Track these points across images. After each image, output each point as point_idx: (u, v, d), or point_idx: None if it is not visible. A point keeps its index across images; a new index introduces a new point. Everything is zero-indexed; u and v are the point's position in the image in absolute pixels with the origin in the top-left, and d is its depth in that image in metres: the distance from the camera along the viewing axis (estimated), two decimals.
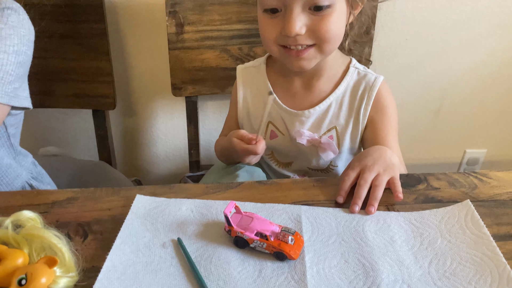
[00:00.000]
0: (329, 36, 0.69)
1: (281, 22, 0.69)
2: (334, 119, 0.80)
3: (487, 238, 0.53)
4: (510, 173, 0.68)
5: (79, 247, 0.52)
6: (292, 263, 0.51)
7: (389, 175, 0.62)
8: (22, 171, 0.83)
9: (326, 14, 0.68)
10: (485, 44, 1.27)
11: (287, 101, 0.81)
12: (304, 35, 0.68)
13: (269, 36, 0.72)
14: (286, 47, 0.71)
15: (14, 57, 0.67)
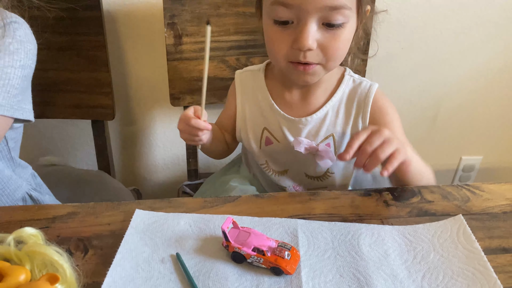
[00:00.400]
0: (336, 55, 0.70)
1: (292, 35, 0.67)
2: (331, 127, 0.81)
3: (478, 253, 0.54)
4: (502, 185, 0.69)
5: (79, 263, 0.54)
6: (288, 278, 0.52)
7: (395, 146, 0.62)
8: (22, 182, 0.84)
9: (338, 32, 0.67)
10: (480, 52, 1.29)
11: (284, 108, 0.82)
12: (314, 52, 0.68)
13: (280, 50, 0.70)
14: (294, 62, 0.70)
15: (20, 71, 0.69)
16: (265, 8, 0.70)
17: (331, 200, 0.65)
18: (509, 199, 0.66)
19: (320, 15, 0.65)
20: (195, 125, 0.72)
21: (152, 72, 1.20)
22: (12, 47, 0.67)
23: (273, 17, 0.68)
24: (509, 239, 0.59)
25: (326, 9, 0.64)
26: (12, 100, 0.68)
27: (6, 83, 0.66)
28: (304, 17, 0.65)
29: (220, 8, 1.05)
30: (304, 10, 0.64)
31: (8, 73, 0.66)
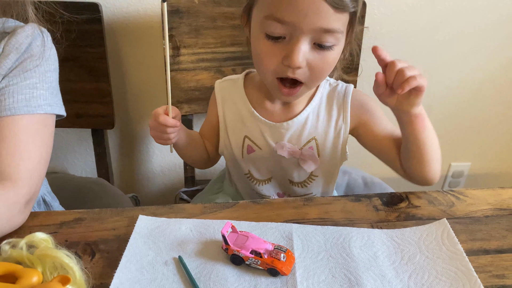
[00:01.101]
0: (321, 75, 0.72)
1: (283, 50, 0.68)
2: (312, 130, 0.82)
3: (460, 254, 0.58)
4: (485, 191, 0.74)
5: (88, 265, 0.57)
6: (284, 279, 0.56)
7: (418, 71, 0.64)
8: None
9: (327, 54, 0.69)
10: (467, 62, 1.33)
11: (265, 115, 0.82)
12: (302, 70, 0.69)
13: (269, 65, 0.70)
14: (281, 79, 0.72)
15: (55, 74, 0.76)
16: (256, 21, 0.70)
17: (324, 206, 0.69)
18: (491, 204, 0.70)
19: (313, 36, 0.66)
20: (163, 122, 0.73)
21: (150, 83, 1.24)
22: (46, 54, 0.74)
23: (265, 31, 0.68)
24: (490, 241, 0.63)
25: (320, 31, 0.66)
26: (55, 99, 0.75)
27: (50, 86, 0.73)
28: (297, 35, 0.66)
29: (216, 20, 1.09)
30: (298, 29, 0.65)
31: (49, 76, 0.73)
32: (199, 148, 0.89)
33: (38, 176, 0.68)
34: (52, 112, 0.72)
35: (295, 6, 0.64)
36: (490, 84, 1.39)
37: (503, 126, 1.49)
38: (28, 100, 0.68)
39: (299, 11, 0.64)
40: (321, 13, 0.64)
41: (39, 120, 0.70)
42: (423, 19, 1.24)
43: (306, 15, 0.64)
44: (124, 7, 1.12)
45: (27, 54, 0.71)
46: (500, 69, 1.36)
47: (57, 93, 0.77)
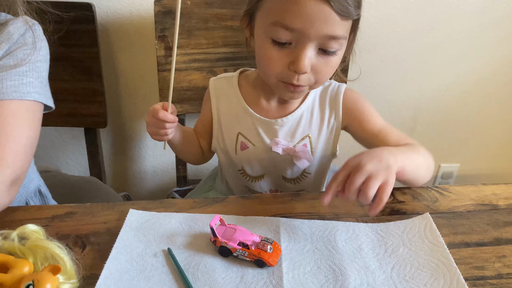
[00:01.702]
0: (325, 79, 0.74)
1: (289, 56, 0.69)
2: (306, 127, 0.84)
3: (442, 246, 0.60)
4: (468, 187, 0.75)
5: (78, 257, 0.58)
6: (270, 270, 0.57)
7: (381, 179, 0.59)
8: (35, 176, 0.89)
9: (331, 59, 0.70)
10: (456, 65, 1.36)
11: (259, 112, 0.84)
12: (306, 75, 0.71)
13: (274, 69, 0.71)
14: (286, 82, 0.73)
15: (45, 65, 0.77)
16: (261, 26, 0.71)
17: (311, 201, 0.71)
18: (473, 199, 0.72)
19: (318, 42, 0.68)
20: (162, 117, 0.74)
21: (143, 82, 1.25)
22: (38, 45, 0.75)
23: (272, 37, 0.69)
24: (471, 234, 0.64)
25: (326, 37, 0.67)
26: (44, 89, 0.76)
27: (39, 75, 0.74)
28: (303, 41, 0.67)
29: (208, 22, 1.11)
30: (305, 35, 0.66)
31: (39, 66, 0.74)
32: (193, 145, 0.91)
33: (24, 158, 0.69)
34: (40, 101, 0.74)
35: (303, 14, 0.65)
36: (478, 87, 1.41)
37: (492, 128, 1.51)
38: (17, 86, 0.70)
39: (307, 19, 0.65)
40: (328, 21, 0.66)
41: (28, 106, 0.71)
42: (413, 23, 1.26)
43: (314, 23, 0.65)
44: (117, 8, 1.13)
45: (18, 44, 0.73)
46: (488, 72, 1.38)
47: (46, 84, 0.78)
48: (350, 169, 0.61)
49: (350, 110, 0.84)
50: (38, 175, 0.92)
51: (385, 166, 0.61)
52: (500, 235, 0.64)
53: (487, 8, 1.26)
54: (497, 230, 0.65)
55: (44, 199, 0.92)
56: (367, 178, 0.59)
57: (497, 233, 0.65)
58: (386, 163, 0.61)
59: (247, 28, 0.78)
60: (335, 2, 0.64)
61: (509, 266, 0.59)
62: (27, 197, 0.86)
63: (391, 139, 0.79)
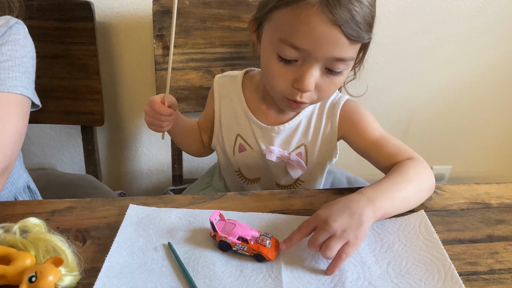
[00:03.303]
0: (327, 97, 0.74)
1: (294, 73, 0.69)
2: (303, 136, 0.84)
3: (436, 242, 0.62)
4: (461, 186, 0.77)
5: (79, 250, 0.59)
6: (269, 264, 0.58)
7: (345, 239, 0.57)
8: (23, 172, 0.89)
9: (336, 79, 0.70)
10: (449, 68, 1.37)
11: (259, 117, 0.84)
12: (310, 93, 0.71)
13: (279, 85, 0.71)
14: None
15: (32, 61, 0.78)
16: (269, 40, 0.70)
17: (308, 198, 0.72)
18: (467, 198, 0.74)
19: (325, 62, 0.67)
20: (158, 110, 0.76)
21: (140, 81, 1.26)
22: (23, 42, 0.75)
23: (278, 53, 0.68)
24: (464, 231, 0.66)
25: (333, 59, 0.66)
26: (31, 86, 0.76)
27: (26, 70, 0.74)
28: (310, 61, 0.67)
29: (206, 22, 1.12)
30: (312, 56, 0.66)
31: (25, 62, 0.75)
32: (195, 137, 0.92)
33: (13, 148, 0.70)
34: (27, 95, 0.74)
35: (313, 35, 0.64)
36: (470, 90, 1.43)
37: (484, 130, 1.54)
38: (3, 79, 0.70)
39: (315, 40, 0.64)
40: (337, 44, 0.65)
41: (15, 99, 0.72)
42: (406, 27, 1.28)
43: (322, 45, 0.64)
44: (115, 7, 1.14)
45: (3, 40, 0.73)
46: (480, 76, 1.40)
47: (33, 82, 0.78)
48: (317, 223, 0.59)
49: (346, 121, 0.83)
50: (27, 172, 0.93)
51: (356, 224, 0.58)
52: (492, 232, 0.66)
53: (478, 12, 1.28)
54: (490, 228, 0.67)
55: (33, 195, 0.92)
56: (330, 237, 0.57)
57: (490, 231, 0.67)
58: (358, 220, 0.59)
59: (254, 32, 0.76)
60: (346, 27, 0.63)
61: (501, 262, 0.60)
62: (15, 193, 0.86)
63: (386, 151, 0.76)
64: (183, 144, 0.93)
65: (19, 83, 0.72)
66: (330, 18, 0.62)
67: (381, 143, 0.78)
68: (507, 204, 0.73)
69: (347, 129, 0.83)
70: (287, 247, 0.59)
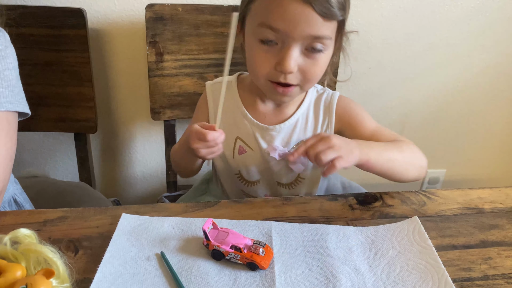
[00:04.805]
0: (314, 78, 0.75)
1: (276, 56, 0.71)
2: (301, 133, 0.86)
3: (430, 248, 0.62)
4: (455, 191, 0.77)
5: (71, 261, 0.58)
6: (263, 272, 0.58)
7: (339, 153, 0.67)
8: (10, 186, 0.87)
9: (317, 58, 0.72)
10: (441, 72, 1.39)
11: (257, 117, 0.86)
12: (294, 74, 0.73)
13: (262, 69, 0.74)
14: (274, 82, 0.75)
15: (15, 72, 0.76)
16: (250, 29, 0.74)
17: (302, 205, 0.72)
18: (460, 203, 0.74)
19: (303, 42, 0.70)
20: (215, 139, 0.71)
21: (134, 88, 1.25)
22: (3, 53, 0.73)
23: (259, 38, 0.72)
24: (458, 237, 0.66)
25: (310, 38, 0.69)
26: (17, 97, 0.75)
27: (9, 84, 0.73)
28: (288, 42, 0.70)
29: (199, 28, 1.12)
30: (290, 36, 0.69)
31: (7, 75, 0.73)
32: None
33: (4, 171, 0.68)
34: (13, 110, 0.73)
35: (286, 16, 0.67)
36: (463, 93, 1.44)
37: (477, 134, 1.55)
38: None
39: (290, 21, 0.67)
40: (311, 22, 0.68)
41: (1, 117, 0.70)
42: (398, 30, 1.29)
43: (297, 24, 0.68)
44: (108, 13, 1.14)
45: None
46: (473, 79, 1.42)
47: (19, 92, 0.77)
48: (319, 138, 0.69)
49: (342, 116, 0.86)
50: (14, 185, 0.91)
51: (350, 149, 0.69)
52: (486, 238, 0.66)
53: (470, 16, 1.29)
54: (483, 233, 0.67)
55: (19, 208, 0.90)
56: (327, 147, 0.67)
57: (483, 236, 0.67)
58: (351, 147, 0.70)
59: (240, 33, 0.79)
60: (317, 4, 0.66)
61: (495, 267, 0.61)
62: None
63: (384, 140, 0.82)
64: (190, 164, 0.90)
65: (3, 99, 0.71)
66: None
67: (378, 134, 0.84)
68: (501, 209, 0.73)
69: (343, 123, 0.86)
70: (294, 158, 0.69)
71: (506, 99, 1.48)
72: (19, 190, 0.93)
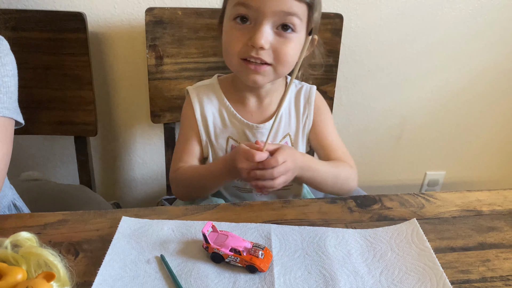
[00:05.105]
0: (286, 60, 0.77)
1: (248, 34, 0.76)
2: (286, 127, 0.90)
3: (428, 251, 0.62)
4: (453, 194, 0.78)
5: (71, 264, 0.58)
6: (262, 275, 0.58)
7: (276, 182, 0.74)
8: (8, 190, 0.88)
9: (289, 38, 0.76)
10: (440, 75, 1.39)
11: (245, 116, 0.88)
12: (266, 52, 0.75)
13: (234, 46, 0.77)
14: (246, 60, 0.77)
15: (14, 80, 0.76)
16: (226, 15, 0.79)
17: (301, 207, 0.72)
18: (458, 206, 0.74)
19: (275, 19, 0.74)
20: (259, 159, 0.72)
21: (133, 91, 1.26)
22: (3, 60, 0.74)
23: (233, 16, 0.76)
24: (456, 239, 0.66)
25: (281, 14, 0.74)
26: (14, 105, 0.75)
27: (7, 90, 0.73)
28: (260, 19, 0.74)
29: (199, 31, 1.13)
30: (261, 12, 0.73)
31: (6, 81, 0.73)
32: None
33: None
34: (10, 116, 0.73)
35: None
36: (462, 95, 1.45)
37: (476, 136, 1.55)
38: None
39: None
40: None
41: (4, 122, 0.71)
42: (397, 33, 1.29)
43: (268, 0, 0.72)
44: (108, 17, 1.14)
45: None
46: (471, 82, 1.42)
47: (15, 100, 0.77)
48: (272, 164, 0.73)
49: (317, 110, 0.92)
50: (13, 189, 0.91)
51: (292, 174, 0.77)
52: (484, 240, 0.67)
53: (468, 19, 1.30)
54: (481, 235, 0.68)
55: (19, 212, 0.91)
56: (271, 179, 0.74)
57: (481, 238, 0.67)
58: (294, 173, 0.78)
59: (221, 34, 0.83)
60: None
61: (493, 269, 0.61)
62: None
63: (334, 155, 0.89)
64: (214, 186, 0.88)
65: (1, 105, 0.71)
66: None
67: (334, 147, 0.91)
68: (499, 211, 0.73)
69: (316, 118, 0.92)
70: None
71: (505, 101, 1.49)
72: (17, 195, 0.94)
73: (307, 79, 0.97)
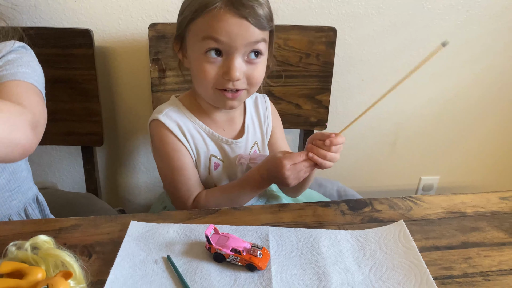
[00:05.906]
0: (257, 82, 0.84)
1: (222, 67, 0.80)
2: (253, 136, 0.97)
3: (414, 249, 0.67)
4: (439, 197, 0.83)
5: (85, 265, 0.63)
6: (260, 273, 0.64)
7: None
8: (33, 185, 0.95)
9: (257, 63, 0.82)
10: (433, 83, 1.43)
11: (218, 132, 0.92)
12: (240, 81, 0.81)
13: (210, 79, 0.81)
14: (222, 90, 0.82)
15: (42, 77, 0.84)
16: (194, 45, 0.81)
17: (297, 211, 0.77)
18: (444, 208, 0.80)
19: (245, 50, 0.79)
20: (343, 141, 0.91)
21: (138, 102, 1.31)
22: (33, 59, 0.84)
23: (204, 49, 0.79)
24: (441, 239, 0.71)
25: (249, 45, 0.79)
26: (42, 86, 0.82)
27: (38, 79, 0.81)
28: (232, 52, 0.79)
29: None
30: (232, 47, 0.78)
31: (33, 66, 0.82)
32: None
33: (40, 110, 0.73)
34: (40, 89, 0.80)
35: (228, 29, 0.77)
36: (455, 103, 1.49)
37: (470, 141, 1.59)
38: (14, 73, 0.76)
39: (231, 33, 0.77)
40: (249, 32, 0.78)
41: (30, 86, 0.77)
42: (389, 44, 1.34)
43: (237, 36, 0.78)
44: (113, 32, 1.20)
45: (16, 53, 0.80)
46: (465, 89, 1.46)
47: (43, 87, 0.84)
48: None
49: (273, 119, 1.01)
50: (36, 186, 0.98)
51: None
52: (467, 239, 0.72)
53: (460, 29, 1.34)
54: (464, 235, 0.73)
55: (41, 207, 0.97)
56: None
57: (464, 237, 0.72)
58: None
59: (179, 52, 0.88)
60: (251, 19, 0.77)
61: (474, 266, 0.66)
62: (25, 203, 0.92)
63: None
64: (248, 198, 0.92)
65: (30, 77, 0.77)
66: (237, 13, 0.77)
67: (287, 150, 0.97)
68: (482, 213, 0.79)
69: (273, 125, 1.00)
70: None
71: (498, 107, 1.52)
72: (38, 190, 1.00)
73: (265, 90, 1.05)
